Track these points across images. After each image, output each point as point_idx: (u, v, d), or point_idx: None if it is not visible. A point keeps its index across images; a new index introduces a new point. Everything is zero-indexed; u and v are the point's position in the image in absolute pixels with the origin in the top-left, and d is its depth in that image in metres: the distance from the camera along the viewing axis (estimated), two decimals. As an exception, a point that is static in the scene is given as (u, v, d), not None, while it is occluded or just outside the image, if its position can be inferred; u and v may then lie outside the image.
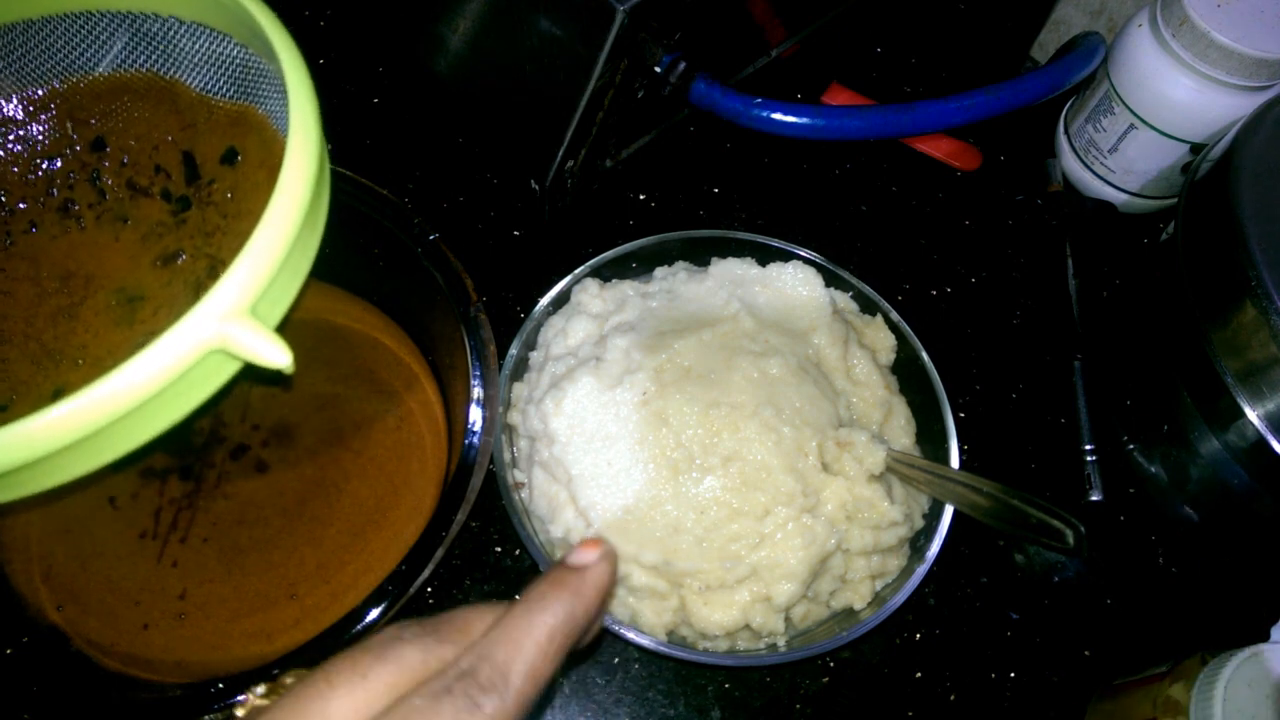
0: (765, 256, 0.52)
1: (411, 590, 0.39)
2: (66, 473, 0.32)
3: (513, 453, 0.49)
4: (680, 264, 0.53)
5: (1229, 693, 0.38)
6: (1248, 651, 0.39)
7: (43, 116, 0.42)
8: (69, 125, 0.42)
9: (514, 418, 0.48)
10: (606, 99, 0.49)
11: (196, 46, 0.41)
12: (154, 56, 0.41)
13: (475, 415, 0.44)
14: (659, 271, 0.53)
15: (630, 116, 0.53)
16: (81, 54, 0.41)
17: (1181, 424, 0.50)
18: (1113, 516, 0.54)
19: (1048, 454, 0.56)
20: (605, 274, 0.52)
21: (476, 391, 0.44)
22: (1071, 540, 0.42)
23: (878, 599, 0.46)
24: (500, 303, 0.56)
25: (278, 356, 0.31)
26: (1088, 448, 0.55)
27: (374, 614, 0.39)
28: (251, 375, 0.33)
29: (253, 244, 0.31)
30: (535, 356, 0.50)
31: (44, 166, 0.42)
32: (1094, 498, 0.54)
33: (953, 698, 0.49)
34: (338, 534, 0.47)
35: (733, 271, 0.51)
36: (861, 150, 0.66)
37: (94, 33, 0.41)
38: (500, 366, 0.48)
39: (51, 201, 0.42)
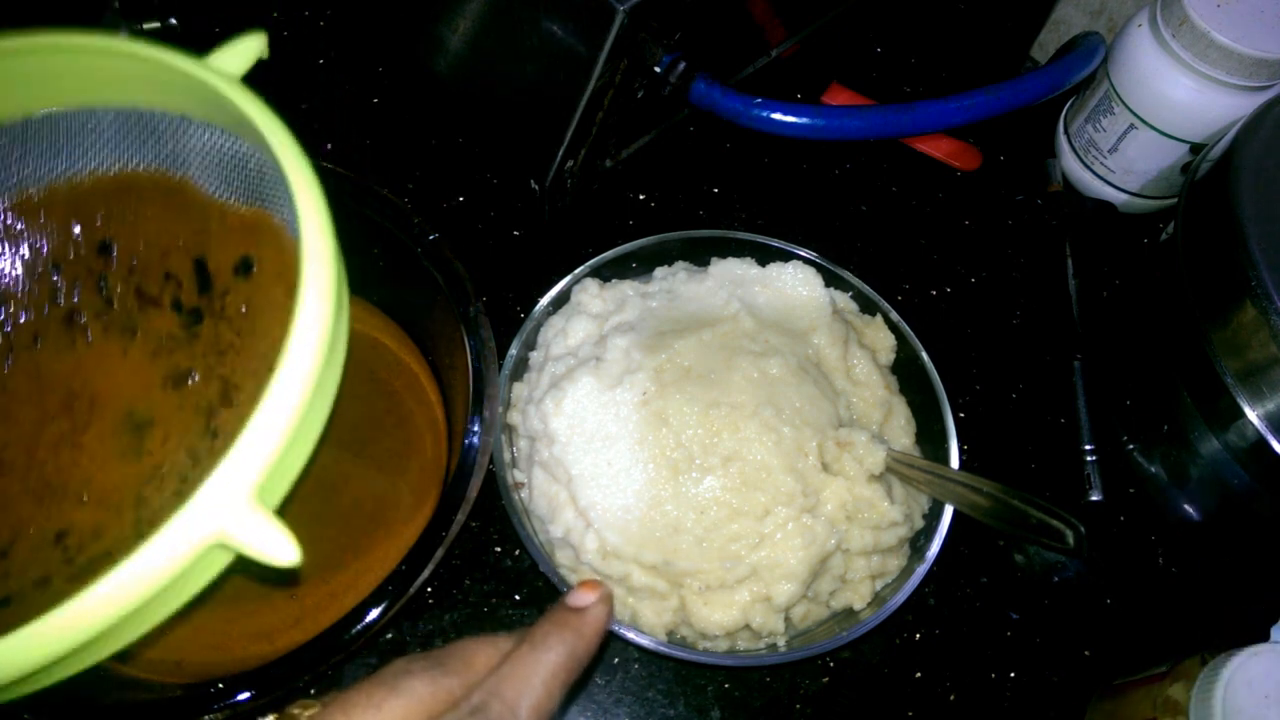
0: (765, 256, 0.52)
1: (411, 590, 0.39)
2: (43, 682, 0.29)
3: (513, 453, 0.49)
4: (680, 264, 0.53)
5: (1229, 693, 0.38)
6: (1248, 651, 0.39)
7: (43, 218, 0.39)
8: (74, 227, 0.39)
9: (514, 418, 0.48)
10: (606, 99, 0.49)
11: (206, 142, 0.38)
12: (162, 154, 0.39)
13: (475, 415, 0.44)
14: (659, 271, 0.53)
15: (630, 116, 0.53)
16: (84, 152, 0.39)
17: (1181, 424, 0.50)
18: (1113, 516, 0.54)
19: (1048, 454, 0.56)
20: (605, 274, 0.52)
21: (476, 391, 0.44)
22: (1071, 540, 0.42)
23: (878, 599, 0.46)
24: (500, 303, 0.56)
25: (283, 553, 0.27)
26: (1088, 448, 0.55)
27: (374, 614, 0.39)
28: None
29: (255, 423, 0.28)
30: (535, 356, 0.50)
31: (48, 273, 0.39)
32: (1094, 498, 0.54)
33: (953, 698, 0.49)
34: (338, 534, 0.47)
35: (733, 271, 0.51)
36: (861, 150, 0.66)
37: (96, 130, 0.38)
38: (500, 366, 0.48)
39: (56, 311, 0.39)
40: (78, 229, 0.39)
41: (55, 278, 0.39)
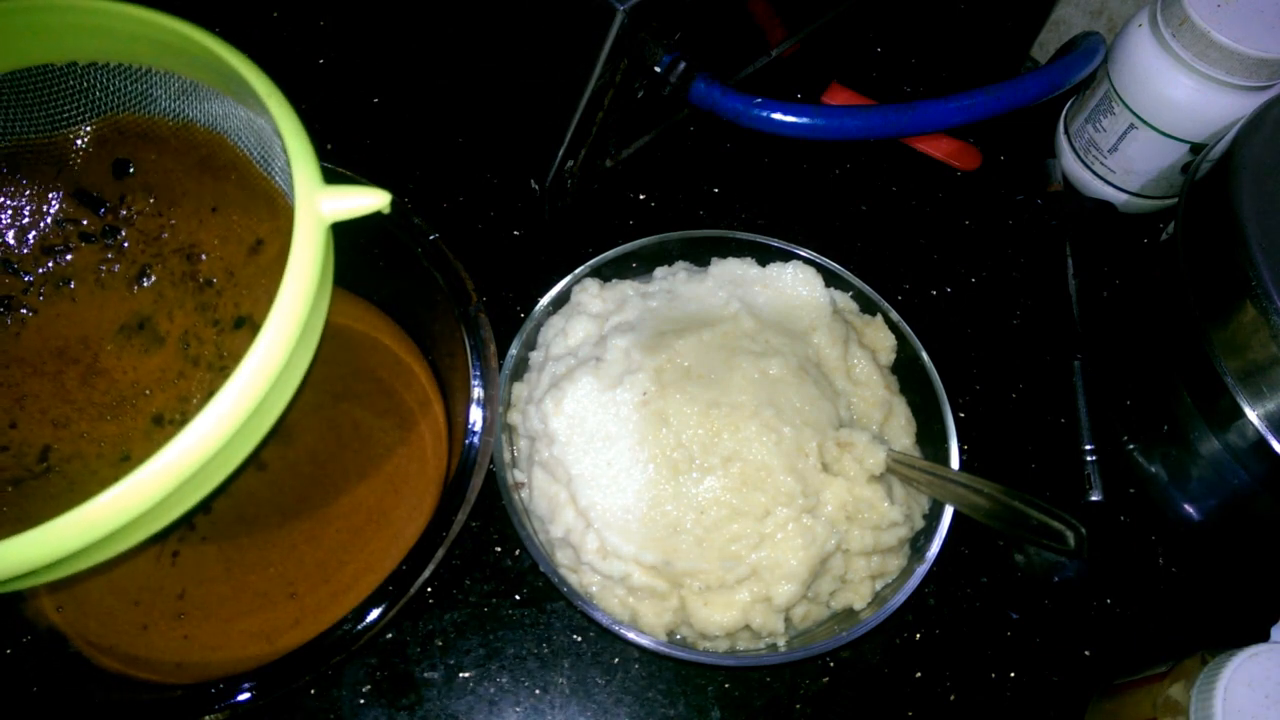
0: (765, 256, 0.52)
1: (412, 590, 0.39)
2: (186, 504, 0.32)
3: (513, 453, 0.49)
4: (680, 264, 0.53)
5: (1229, 693, 0.38)
6: (1248, 651, 0.39)
7: None
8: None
9: (514, 418, 0.48)
10: (606, 99, 0.49)
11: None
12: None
13: (475, 415, 0.44)
14: (659, 271, 0.53)
15: (630, 116, 0.53)
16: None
17: (1181, 424, 0.50)
18: (1113, 516, 0.54)
19: (1048, 454, 0.56)
20: (605, 274, 0.52)
21: (476, 391, 0.44)
22: (1072, 541, 0.42)
23: (878, 599, 0.46)
24: (500, 303, 0.56)
25: (376, 198, 0.34)
26: (1088, 448, 0.55)
27: (374, 614, 0.39)
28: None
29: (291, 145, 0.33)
30: (535, 356, 0.50)
31: None
32: (1094, 498, 0.54)
33: (953, 698, 0.49)
34: (338, 534, 0.47)
35: (733, 271, 0.51)
36: (861, 150, 0.66)
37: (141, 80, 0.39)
38: (500, 366, 0.48)
39: None
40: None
41: None
